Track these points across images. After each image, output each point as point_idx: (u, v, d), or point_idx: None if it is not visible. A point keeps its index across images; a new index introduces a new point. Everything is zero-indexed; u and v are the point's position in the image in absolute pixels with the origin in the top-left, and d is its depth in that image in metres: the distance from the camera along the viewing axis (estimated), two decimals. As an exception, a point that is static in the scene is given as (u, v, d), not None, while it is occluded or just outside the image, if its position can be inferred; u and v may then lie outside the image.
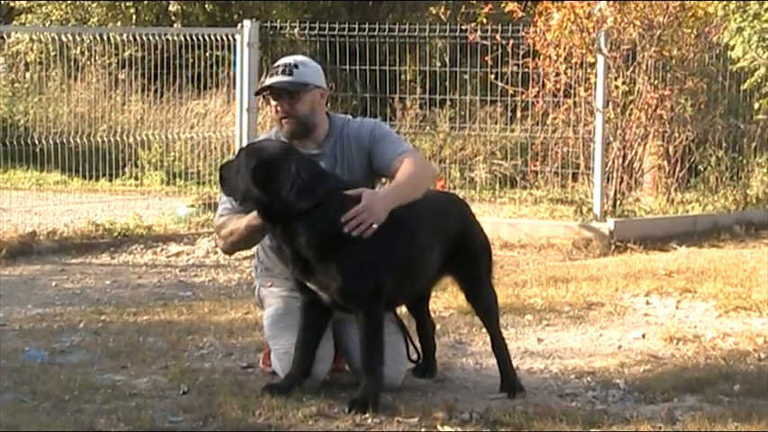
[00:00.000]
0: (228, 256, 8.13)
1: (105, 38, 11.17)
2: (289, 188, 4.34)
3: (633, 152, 10.32)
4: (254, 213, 4.51)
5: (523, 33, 10.39)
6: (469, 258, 4.76)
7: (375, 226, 4.34)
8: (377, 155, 4.76)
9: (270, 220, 4.45)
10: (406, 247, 4.48)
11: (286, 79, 4.72)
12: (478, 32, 10.53)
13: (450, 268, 4.76)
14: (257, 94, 5.08)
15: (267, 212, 4.42)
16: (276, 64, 4.83)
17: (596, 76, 9.93)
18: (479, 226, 4.89)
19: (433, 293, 5.35)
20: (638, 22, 10.13)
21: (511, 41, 10.38)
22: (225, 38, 10.20)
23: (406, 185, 4.55)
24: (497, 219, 9.50)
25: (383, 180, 5.03)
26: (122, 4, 16.23)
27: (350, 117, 5.00)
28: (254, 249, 5.14)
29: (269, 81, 4.78)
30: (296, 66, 4.76)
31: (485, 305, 4.84)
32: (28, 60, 13.09)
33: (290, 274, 4.59)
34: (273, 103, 4.77)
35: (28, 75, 13.06)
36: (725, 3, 10.14)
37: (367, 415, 4.29)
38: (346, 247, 4.35)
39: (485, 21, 10.60)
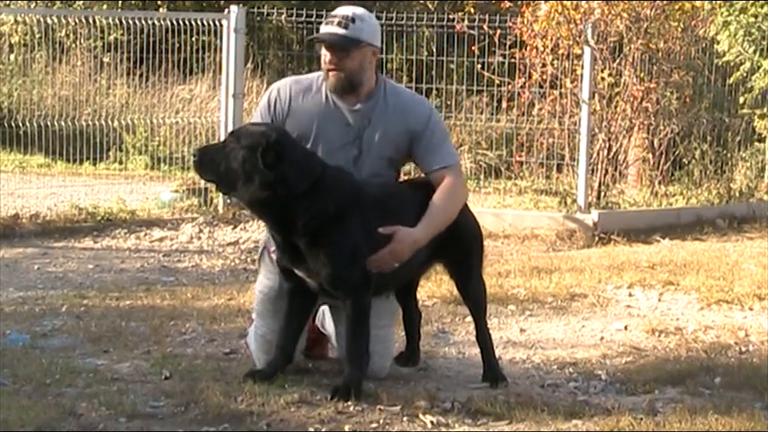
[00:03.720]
0: None
1: (91, 21, 11.12)
2: (293, 169, 4.32)
3: (618, 144, 10.33)
4: None
5: (510, 24, 10.39)
6: (459, 247, 4.73)
7: (396, 265, 4.44)
8: (422, 151, 4.68)
9: (265, 205, 4.37)
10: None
11: (341, 32, 4.57)
12: (466, 22, 10.53)
13: (441, 256, 4.74)
14: (310, 40, 4.91)
15: (265, 197, 4.33)
16: (334, 13, 4.66)
17: (583, 67, 9.93)
18: (471, 215, 4.86)
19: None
20: (625, 15, 10.13)
21: (498, 31, 10.38)
22: (211, 23, 10.17)
23: (437, 221, 4.56)
24: (482, 209, 9.50)
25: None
26: (108, -12, 16.17)
27: (402, 87, 4.92)
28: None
29: (323, 30, 4.63)
30: (353, 20, 4.60)
31: (474, 295, 4.83)
32: (12, 42, 13.01)
33: (278, 262, 4.56)
34: (323, 51, 4.62)
35: (12, 57, 12.98)
36: (712, -4, 10.18)
37: (349, 403, 4.29)
38: (336, 234, 4.34)
39: (472, 10, 10.61)
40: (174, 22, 10.26)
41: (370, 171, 4.63)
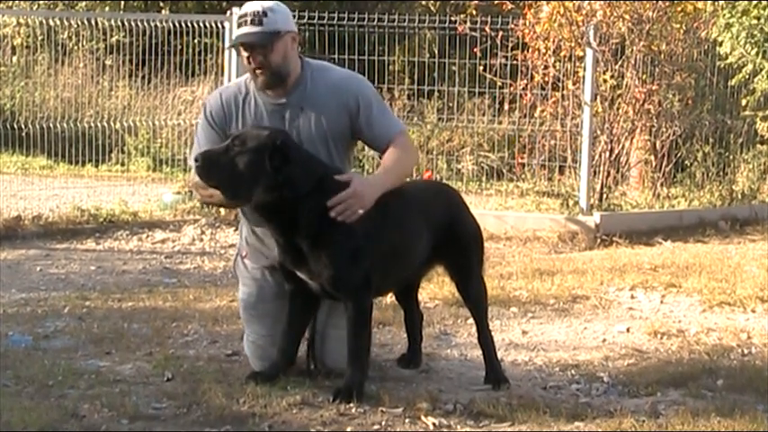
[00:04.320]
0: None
1: (93, 23, 11.14)
2: (299, 170, 4.30)
3: (620, 146, 10.34)
4: None
5: (512, 25, 10.40)
6: (459, 248, 4.74)
7: (361, 212, 4.33)
8: (366, 128, 4.64)
9: (271, 208, 4.34)
10: (391, 234, 4.47)
11: (257, 30, 4.51)
12: (468, 24, 10.53)
13: (441, 258, 4.74)
14: (230, 47, 4.82)
15: (272, 200, 4.30)
16: (243, 12, 4.59)
17: (585, 69, 9.94)
18: (471, 217, 4.87)
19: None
20: (627, 17, 10.13)
21: (500, 33, 10.38)
22: (213, 25, 10.18)
23: (393, 173, 4.53)
24: (484, 211, 9.50)
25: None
26: (110, -11, 16.18)
27: (330, 65, 4.83)
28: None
29: (239, 33, 4.56)
30: (264, 13, 4.53)
31: (474, 297, 4.83)
32: (15, 44, 13.01)
33: (279, 264, 4.54)
34: (245, 54, 4.57)
35: (15, 58, 12.98)
36: (714, -2, 10.18)
37: (351, 404, 4.28)
38: (338, 235, 4.34)
39: (474, 12, 10.60)
40: (177, 24, 10.28)
41: None
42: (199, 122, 4.82)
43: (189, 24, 10.24)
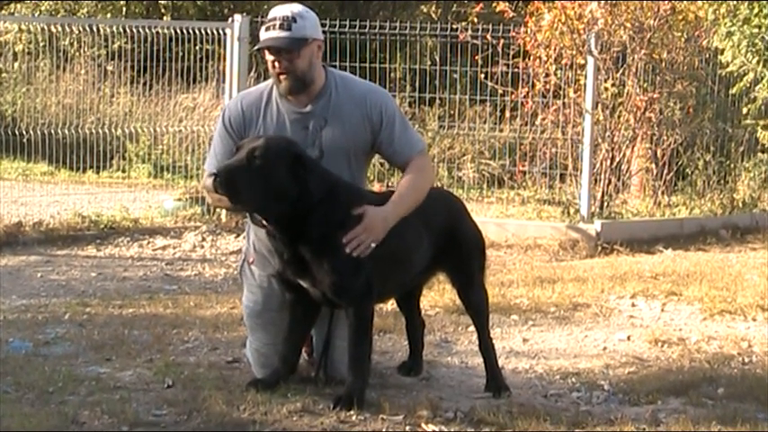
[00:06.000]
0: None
1: (94, 29, 11.13)
2: (315, 178, 4.29)
3: (621, 154, 10.34)
4: None
5: (514, 33, 10.40)
6: (460, 255, 4.74)
7: (373, 245, 4.33)
8: (387, 143, 4.64)
9: (287, 218, 4.31)
10: (392, 241, 4.45)
11: (284, 35, 4.50)
12: (469, 32, 10.54)
13: (442, 264, 4.75)
14: (255, 50, 4.78)
15: (290, 209, 4.27)
16: (272, 16, 4.56)
17: (586, 77, 9.95)
18: (473, 224, 4.87)
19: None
20: (628, 25, 10.14)
21: (501, 41, 10.39)
22: (215, 32, 10.19)
23: (406, 202, 4.50)
24: (484, 218, 9.49)
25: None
26: (112, -4, 16.20)
27: (353, 77, 4.82)
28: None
29: (266, 36, 4.54)
30: (294, 19, 4.52)
31: (475, 304, 4.83)
32: (16, 50, 13.02)
33: (279, 273, 4.52)
34: (270, 58, 4.55)
35: (16, 65, 12.99)
36: (715, 7, 10.16)
37: (352, 412, 4.28)
38: (341, 243, 4.32)
39: (475, 20, 10.61)
40: (178, 31, 10.28)
41: (336, 170, 4.52)
42: (216, 129, 4.78)
43: (190, 31, 10.25)
